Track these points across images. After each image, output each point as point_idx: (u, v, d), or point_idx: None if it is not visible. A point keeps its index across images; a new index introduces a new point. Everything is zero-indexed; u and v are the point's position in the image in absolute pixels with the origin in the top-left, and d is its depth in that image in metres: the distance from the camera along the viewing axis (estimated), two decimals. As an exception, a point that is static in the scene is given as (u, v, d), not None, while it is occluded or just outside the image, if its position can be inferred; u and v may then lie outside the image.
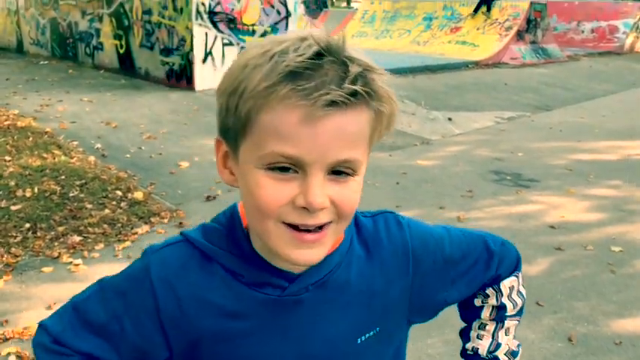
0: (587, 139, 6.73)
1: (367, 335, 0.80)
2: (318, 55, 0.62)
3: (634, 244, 3.72)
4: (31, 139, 5.24)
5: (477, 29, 13.74)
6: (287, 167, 0.64)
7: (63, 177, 4.28)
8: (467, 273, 0.89)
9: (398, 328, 0.87)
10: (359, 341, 0.80)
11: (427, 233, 0.86)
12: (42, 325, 0.81)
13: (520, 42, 13.41)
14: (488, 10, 13.80)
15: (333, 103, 0.61)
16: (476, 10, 14.12)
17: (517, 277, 0.94)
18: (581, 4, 20.07)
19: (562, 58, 14.62)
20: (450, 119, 7.39)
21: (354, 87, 0.62)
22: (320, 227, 0.67)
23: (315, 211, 0.65)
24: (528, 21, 13.62)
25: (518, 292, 0.94)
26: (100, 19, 9.40)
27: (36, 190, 4.00)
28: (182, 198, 4.21)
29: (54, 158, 4.67)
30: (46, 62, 10.56)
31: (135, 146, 5.37)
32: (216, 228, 0.78)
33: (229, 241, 0.76)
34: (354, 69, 0.63)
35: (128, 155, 5.11)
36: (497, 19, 13.68)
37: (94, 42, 9.75)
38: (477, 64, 12.06)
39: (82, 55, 10.15)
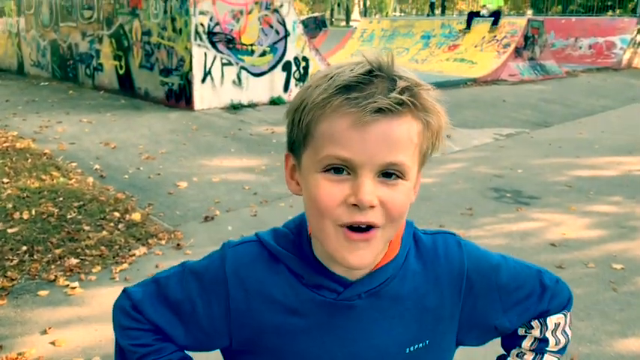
0: (587, 155, 6.72)
1: (416, 346, 0.85)
2: (370, 72, 0.71)
3: (636, 261, 3.68)
4: (29, 160, 5.24)
5: (475, 47, 13.84)
6: (341, 168, 0.71)
7: (61, 199, 4.27)
8: (519, 304, 0.91)
9: (447, 345, 0.90)
10: (407, 351, 0.84)
11: (484, 258, 0.90)
12: (126, 291, 0.90)
13: (518, 59, 13.49)
14: (495, 24, 13.84)
15: (380, 110, 0.69)
16: (468, 26, 14.24)
17: (565, 315, 0.95)
18: (578, 20, 20.25)
19: (560, 75, 14.69)
20: (448, 136, 7.32)
21: (400, 97, 0.69)
22: (368, 228, 0.73)
23: (364, 208, 0.71)
24: (526, 38, 13.72)
25: (563, 330, 0.95)
26: (100, 41, 9.47)
27: (33, 212, 3.98)
28: (180, 219, 4.19)
29: (52, 180, 4.67)
30: (46, 83, 10.62)
31: (133, 167, 5.37)
32: (285, 232, 0.86)
33: (295, 245, 0.83)
34: (401, 83, 0.71)
35: (126, 176, 5.10)
36: (495, 37, 13.78)
37: (94, 63, 9.81)
38: (475, 81, 12.12)
39: (82, 76, 10.21)
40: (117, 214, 4.09)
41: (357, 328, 0.82)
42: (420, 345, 0.85)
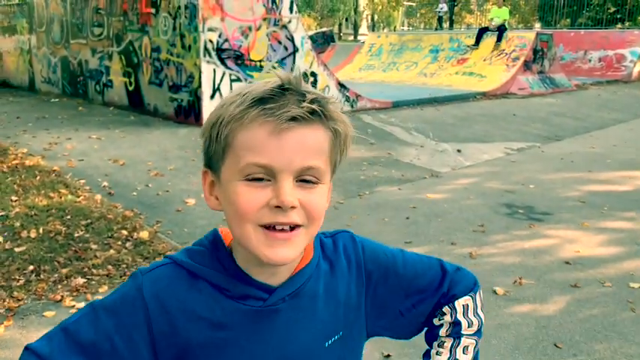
0: (600, 169, 6.63)
1: (333, 339, 0.90)
2: (281, 87, 0.77)
3: (654, 280, 3.59)
4: (38, 177, 5.23)
5: (484, 60, 13.81)
6: (261, 178, 0.76)
7: (69, 217, 4.25)
8: (422, 291, 0.98)
9: (358, 335, 0.96)
10: (327, 344, 0.90)
11: (378, 249, 0.98)
12: (29, 348, 0.82)
13: (527, 72, 13.44)
14: (499, 40, 13.88)
15: (294, 119, 0.75)
16: (477, 42, 14.24)
17: (472, 297, 1.00)
18: (587, 33, 20.19)
19: (570, 88, 14.61)
20: (459, 151, 7.33)
21: (311, 106, 0.76)
22: (292, 229, 0.78)
23: (287, 209, 0.76)
24: (535, 51, 13.68)
25: (475, 313, 1.00)
26: (110, 57, 9.54)
27: (41, 230, 3.96)
28: (188, 236, 4.15)
29: (60, 197, 4.65)
30: (56, 100, 10.70)
31: (142, 184, 5.35)
32: (199, 250, 0.87)
33: (213, 259, 0.85)
34: (310, 96, 0.77)
35: (135, 193, 5.08)
36: (503, 50, 13.75)
37: (103, 79, 9.87)
38: (484, 95, 12.06)
39: (92, 92, 10.28)
40: (125, 232, 4.06)
41: (283, 331, 0.86)
42: (336, 337, 0.91)
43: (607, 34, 19.55)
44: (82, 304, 3.11)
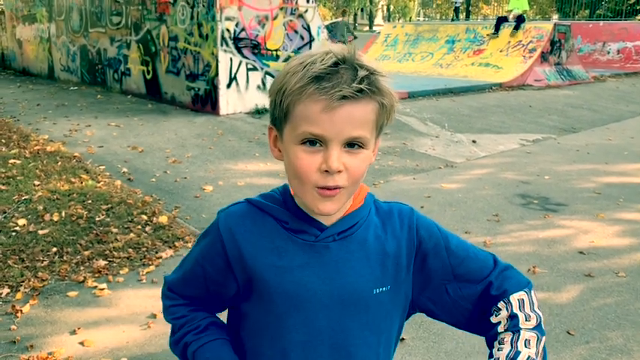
0: (616, 161, 6.60)
1: (381, 289, 0.99)
2: (336, 64, 0.87)
3: (668, 270, 3.60)
4: (59, 163, 5.35)
5: (500, 51, 13.69)
6: (314, 141, 0.89)
7: (90, 201, 4.35)
8: (469, 273, 1.04)
9: (404, 295, 1.04)
10: (374, 292, 0.99)
11: (433, 225, 1.07)
12: (164, 277, 1.13)
13: (544, 64, 13.31)
14: (516, 29, 13.74)
15: (344, 98, 0.86)
16: (496, 30, 14.10)
17: (527, 293, 1.03)
18: (605, 25, 19.90)
19: (587, 80, 14.44)
20: (474, 142, 7.32)
21: (360, 86, 0.86)
22: (336, 188, 0.90)
23: (333, 173, 0.88)
24: (552, 43, 13.53)
25: (532, 308, 1.01)
26: (128, 46, 9.64)
27: (63, 214, 4.06)
28: (206, 222, 4.22)
29: (81, 182, 4.75)
30: (75, 88, 10.84)
31: (160, 170, 5.44)
32: (271, 194, 1.04)
33: (280, 201, 1.01)
34: (361, 73, 0.87)
35: (154, 179, 5.17)
36: (520, 41, 13.62)
37: (122, 68, 9.98)
38: (500, 87, 11.98)
39: (111, 80, 10.40)
40: (144, 216, 4.15)
41: (333, 267, 0.97)
42: (384, 289, 1.00)
43: (626, 26, 19.25)
44: (104, 285, 3.21)
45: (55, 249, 3.59)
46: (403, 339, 2.75)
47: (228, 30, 7.64)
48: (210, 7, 7.61)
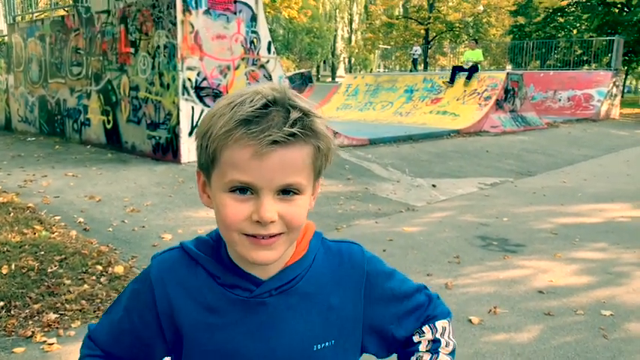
0: (571, 202, 6.80)
1: (323, 345, 0.92)
2: (266, 105, 0.80)
3: (624, 307, 3.66)
4: (12, 214, 5.16)
5: (457, 100, 14.18)
6: (245, 189, 0.82)
7: (42, 252, 4.19)
8: (411, 313, 1.02)
9: (351, 347, 0.98)
10: (315, 348, 0.92)
11: (381, 267, 1.01)
12: (89, 325, 1.04)
13: (499, 111, 13.82)
14: (469, 78, 14.33)
15: (275, 142, 0.79)
16: (451, 80, 14.66)
17: (449, 321, 1.06)
18: (555, 74, 20.93)
19: (541, 126, 15.03)
20: (434, 186, 7.45)
21: (292, 129, 0.80)
22: (273, 235, 0.83)
23: (266, 224, 0.81)
24: (506, 91, 14.11)
25: (449, 336, 1.05)
26: (88, 96, 9.58)
27: (13, 266, 3.89)
28: (164, 271, 4.11)
29: (34, 233, 4.59)
30: (33, 139, 10.63)
31: (118, 220, 5.31)
32: (206, 239, 0.95)
33: (214, 250, 0.93)
34: (294, 114, 0.81)
35: (110, 229, 5.04)
36: (476, 90, 14.15)
37: (81, 118, 9.88)
38: (458, 133, 12.34)
39: (70, 131, 10.26)
40: (99, 267, 4.01)
41: (269, 325, 0.90)
42: (327, 344, 0.92)
43: (575, 75, 20.30)
44: (53, 340, 3.05)
45: (2, 303, 3.41)
46: None
47: (189, 79, 7.70)
48: (171, 57, 7.68)
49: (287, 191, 0.83)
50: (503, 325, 3.38)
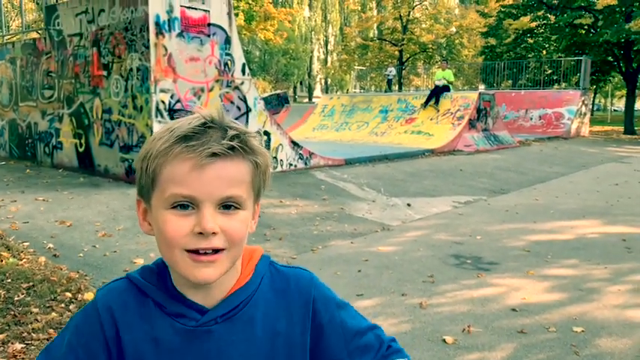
0: (543, 219, 6.90)
1: None
2: (204, 124, 0.84)
3: (594, 323, 3.71)
4: (-22, 241, 5.03)
5: (431, 119, 14.39)
6: (186, 205, 0.82)
7: (9, 280, 4.08)
8: (363, 351, 0.98)
9: None
10: None
11: (330, 295, 1.00)
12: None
13: (472, 130, 14.05)
14: (437, 102, 14.61)
15: (214, 155, 0.81)
16: (426, 103, 14.91)
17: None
18: (527, 93, 21.41)
19: (513, 144, 15.31)
20: (409, 205, 7.50)
21: (231, 143, 0.82)
22: (215, 252, 0.83)
23: (208, 235, 0.82)
24: (478, 110, 14.37)
25: None
26: (60, 119, 9.45)
27: (-22, 295, 3.78)
28: (136, 297, 4.04)
29: (1, 261, 4.47)
30: (3, 163, 10.42)
31: (89, 245, 5.21)
32: (151, 268, 0.94)
33: (159, 278, 0.92)
34: (231, 132, 0.84)
35: (81, 254, 4.94)
36: (449, 110, 14.39)
37: (53, 141, 9.73)
38: (432, 152, 12.49)
39: (41, 154, 10.09)
40: (69, 294, 3.92)
41: (215, 353, 0.89)
42: None
43: (545, 94, 20.81)
44: (18, 371, 2.95)
45: (-35, 334, 3.31)
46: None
47: (163, 102, 7.67)
48: (144, 80, 7.64)
49: (228, 205, 0.83)
50: (477, 344, 3.39)
